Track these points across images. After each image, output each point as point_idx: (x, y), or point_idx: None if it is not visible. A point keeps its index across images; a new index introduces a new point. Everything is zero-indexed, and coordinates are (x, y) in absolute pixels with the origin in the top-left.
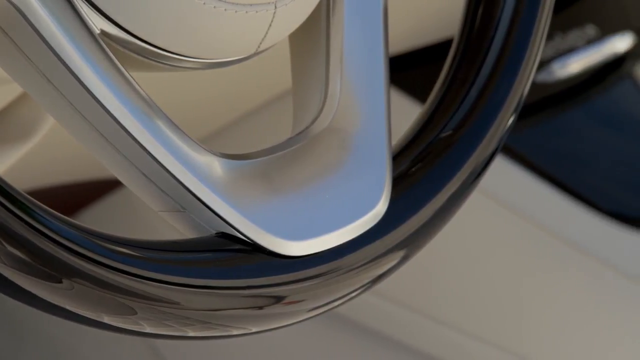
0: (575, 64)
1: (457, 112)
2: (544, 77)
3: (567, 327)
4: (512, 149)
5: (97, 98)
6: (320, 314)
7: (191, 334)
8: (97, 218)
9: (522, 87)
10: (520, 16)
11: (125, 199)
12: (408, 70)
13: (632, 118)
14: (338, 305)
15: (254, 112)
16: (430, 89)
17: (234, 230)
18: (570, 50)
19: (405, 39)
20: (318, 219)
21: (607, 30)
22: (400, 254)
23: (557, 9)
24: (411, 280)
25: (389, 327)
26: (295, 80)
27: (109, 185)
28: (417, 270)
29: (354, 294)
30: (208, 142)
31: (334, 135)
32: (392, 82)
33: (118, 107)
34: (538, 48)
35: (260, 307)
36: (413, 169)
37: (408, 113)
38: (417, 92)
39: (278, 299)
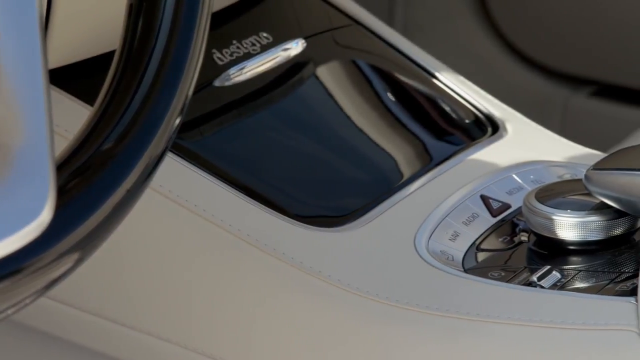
0: (253, 70)
1: (123, 118)
2: (222, 82)
3: (254, 323)
4: (195, 153)
5: None
6: None
7: None
8: None
9: (185, 92)
10: (179, 24)
11: None
12: (86, 78)
13: (311, 119)
14: (12, 314)
15: None
16: None
17: None
18: (247, 57)
19: (82, 46)
20: None
21: (281, 37)
22: (72, 257)
23: (231, 18)
24: (93, 284)
25: (72, 332)
26: None
27: None
28: (98, 274)
29: (27, 301)
30: None
31: None
32: (69, 91)
33: None
34: (198, 56)
35: None
36: (80, 177)
37: None
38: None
39: None
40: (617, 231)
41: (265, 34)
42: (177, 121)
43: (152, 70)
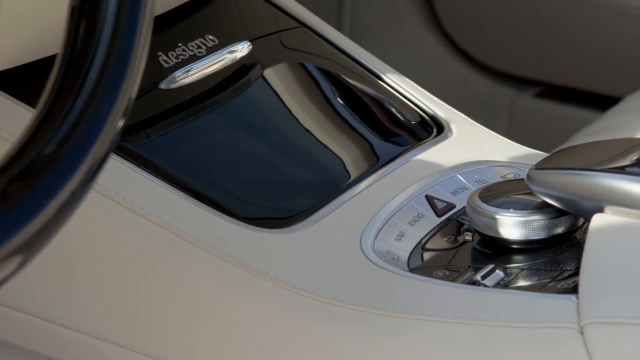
0: (199, 72)
1: (65, 121)
2: (168, 85)
3: (200, 325)
4: (142, 156)
5: None
6: None
7: None
8: None
9: (128, 94)
10: (121, 27)
11: None
12: (30, 81)
13: (258, 121)
14: None
15: None
16: None
17: None
18: (193, 59)
19: (25, 49)
20: None
21: (227, 39)
22: (14, 261)
23: (177, 20)
24: (38, 287)
25: (17, 335)
26: None
27: None
28: (43, 277)
29: None
30: None
31: None
32: (13, 94)
33: None
34: (140, 58)
35: None
36: (22, 181)
37: None
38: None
39: None
40: (559, 230)
41: (211, 37)
42: (120, 123)
43: (94, 73)
